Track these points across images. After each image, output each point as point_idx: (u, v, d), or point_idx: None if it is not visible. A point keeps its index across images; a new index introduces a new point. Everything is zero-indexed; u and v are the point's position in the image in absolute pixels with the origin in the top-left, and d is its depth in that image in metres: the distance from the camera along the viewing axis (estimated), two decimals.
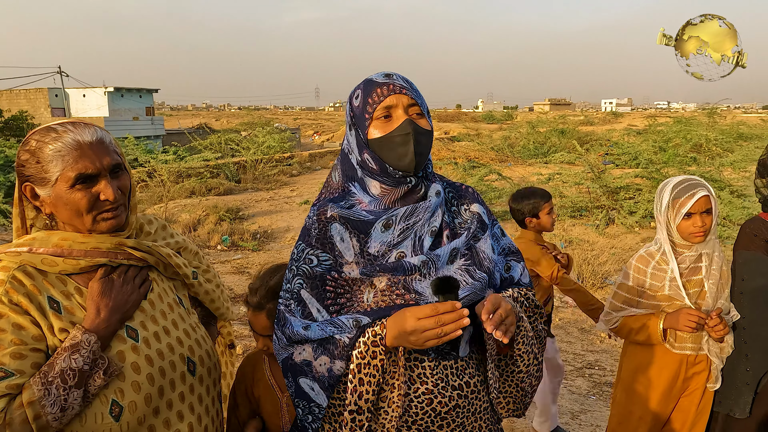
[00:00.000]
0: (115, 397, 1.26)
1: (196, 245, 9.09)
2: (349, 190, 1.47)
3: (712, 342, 2.22)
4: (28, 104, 37.51)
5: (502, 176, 10.85)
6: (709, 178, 9.28)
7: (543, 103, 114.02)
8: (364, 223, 1.39)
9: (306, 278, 1.41)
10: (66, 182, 1.30)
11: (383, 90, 1.38)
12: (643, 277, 2.27)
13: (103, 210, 1.35)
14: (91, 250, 1.35)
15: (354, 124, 1.44)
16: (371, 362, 1.30)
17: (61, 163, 1.30)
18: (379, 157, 1.39)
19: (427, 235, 1.41)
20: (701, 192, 2.11)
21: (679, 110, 76.46)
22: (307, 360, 1.38)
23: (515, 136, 21.85)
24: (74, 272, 1.35)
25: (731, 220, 8.23)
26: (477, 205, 1.52)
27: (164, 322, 1.43)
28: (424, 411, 1.35)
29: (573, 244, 8.33)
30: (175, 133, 34.15)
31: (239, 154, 17.29)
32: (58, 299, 1.30)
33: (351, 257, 1.39)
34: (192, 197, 12.51)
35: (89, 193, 1.32)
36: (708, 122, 21.80)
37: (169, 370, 1.37)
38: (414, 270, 1.36)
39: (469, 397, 1.39)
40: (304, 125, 57.29)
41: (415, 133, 1.37)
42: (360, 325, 1.33)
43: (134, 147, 15.68)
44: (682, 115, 32.65)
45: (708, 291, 2.20)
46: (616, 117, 48.62)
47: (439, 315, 1.21)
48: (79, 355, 1.22)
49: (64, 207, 1.33)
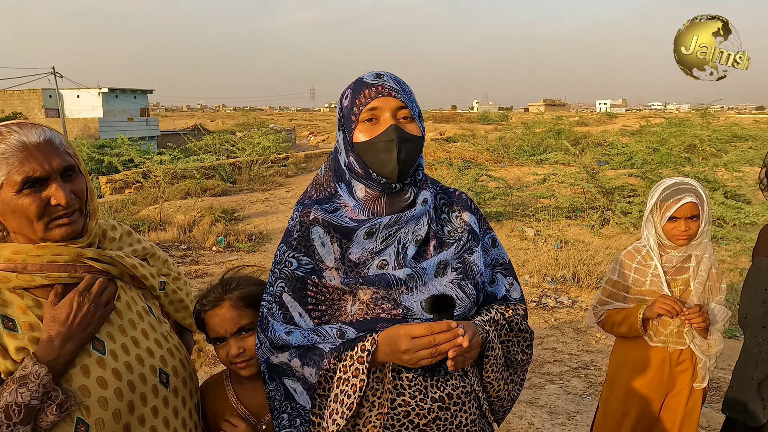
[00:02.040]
0: (81, 414, 1.18)
1: (188, 247, 9.07)
2: (335, 192, 1.42)
3: (699, 339, 2.24)
4: (22, 105, 37.33)
5: (494, 178, 10.86)
6: (702, 179, 9.32)
7: (538, 103, 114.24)
8: (346, 229, 1.35)
9: (287, 281, 1.37)
10: (12, 187, 1.20)
11: (371, 91, 1.33)
12: (628, 272, 2.33)
13: (55, 216, 1.25)
14: (47, 263, 1.25)
15: (342, 125, 1.39)
16: (351, 380, 1.25)
17: (5, 166, 1.20)
18: (364, 162, 1.35)
19: (411, 243, 1.36)
20: (687, 198, 2.15)
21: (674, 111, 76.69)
22: (284, 362, 1.35)
23: (510, 136, 21.87)
24: (30, 287, 1.24)
25: (725, 220, 8.27)
26: (468, 214, 1.46)
27: (133, 332, 1.34)
28: (401, 423, 1.30)
29: (568, 245, 8.36)
30: (170, 134, 34.03)
31: (235, 155, 17.25)
32: (13, 316, 1.20)
33: (331, 263, 1.35)
34: (187, 198, 12.47)
35: (38, 198, 1.22)
36: (702, 123, 21.88)
37: (139, 384, 1.28)
38: (399, 284, 1.31)
39: (452, 409, 1.34)
40: (299, 126, 57.21)
41: (399, 139, 1.30)
42: (344, 336, 1.30)
43: (129, 147, 15.64)
44: (676, 115, 32.78)
45: (693, 290, 2.24)
46: (611, 118, 48.79)
47: (434, 335, 1.18)
48: (27, 389, 1.12)
49: (13, 214, 1.22)
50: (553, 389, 4.10)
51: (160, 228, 10.08)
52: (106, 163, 15.85)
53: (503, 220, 9.92)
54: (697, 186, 2.21)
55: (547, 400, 3.90)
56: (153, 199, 12.33)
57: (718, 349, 2.26)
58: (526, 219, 9.51)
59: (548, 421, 3.61)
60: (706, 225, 2.22)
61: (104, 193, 14.03)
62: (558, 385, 4.21)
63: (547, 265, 7.22)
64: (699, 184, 2.24)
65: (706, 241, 2.24)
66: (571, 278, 6.90)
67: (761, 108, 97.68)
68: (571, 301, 6.28)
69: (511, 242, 8.80)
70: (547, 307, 6.13)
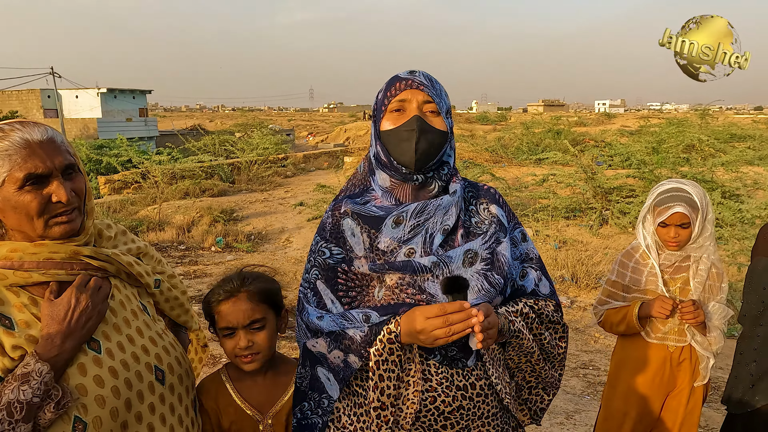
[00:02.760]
0: (78, 413, 1.18)
1: (187, 247, 9.07)
2: (369, 186, 1.50)
3: (699, 336, 2.25)
4: (21, 105, 37.29)
5: (495, 177, 10.86)
6: (701, 179, 9.33)
7: (537, 104, 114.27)
8: (375, 218, 1.42)
9: (321, 270, 1.45)
10: (14, 183, 1.21)
11: (401, 84, 1.40)
12: (625, 271, 2.35)
13: (55, 213, 1.26)
14: (44, 261, 1.26)
15: (373, 116, 1.48)
16: (389, 358, 1.32)
17: (8, 162, 1.21)
18: (387, 150, 1.41)
19: (439, 233, 1.41)
20: (676, 208, 2.17)
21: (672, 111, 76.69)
22: (321, 352, 1.41)
23: (509, 137, 21.87)
24: (27, 285, 1.25)
25: (724, 221, 8.27)
26: (496, 207, 1.50)
27: (128, 330, 1.34)
28: (427, 409, 1.36)
29: (567, 245, 8.36)
30: (168, 135, 34.03)
31: (234, 156, 17.25)
32: (9, 315, 1.21)
33: (361, 252, 1.42)
34: (186, 198, 12.47)
35: (40, 195, 1.23)
36: (700, 123, 21.89)
37: (135, 381, 1.29)
38: (425, 270, 1.36)
39: (475, 400, 1.38)
40: (298, 126, 57.17)
41: (420, 130, 1.36)
42: (369, 320, 1.36)
43: (128, 148, 15.62)
44: (675, 116, 32.81)
45: (693, 289, 2.25)
46: (609, 118, 48.76)
47: (447, 315, 1.22)
48: (29, 387, 1.13)
49: (13, 211, 1.23)
50: None
51: (158, 228, 10.07)
52: (105, 163, 15.84)
53: None
54: (693, 192, 2.20)
55: None
56: (152, 199, 12.32)
57: (719, 346, 2.27)
58: (525, 219, 9.51)
59: (546, 421, 3.61)
60: (704, 229, 2.22)
61: (103, 194, 14.02)
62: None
63: (546, 265, 7.21)
64: (697, 188, 2.23)
65: (709, 244, 2.24)
66: (569, 278, 6.90)
67: (760, 108, 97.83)
68: (569, 301, 6.28)
69: None
70: None
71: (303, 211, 11.13)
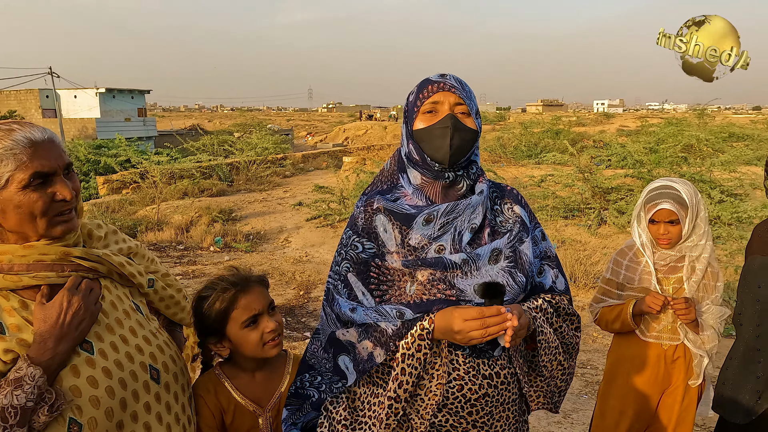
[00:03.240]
0: (73, 414, 1.18)
1: (185, 247, 9.06)
2: (397, 183, 1.56)
3: (692, 334, 2.26)
4: (19, 105, 37.25)
5: (497, 175, 10.87)
6: (699, 179, 9.34)
7: (535, 104, 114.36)
8: (406, 216, 1.48)
9: (353, 263, 1.51)
10: (19, 183, 1.20)
11: (434, 87, 1.47)
12: (619, 269, 2.37)
13: (59, 212, 1.26)
14: (33, 263, 1.24)
15: (405, 118, 1.54)
16: (415, 354, 1.40)
17: (13, 161, 1.20)
18: (420, 148, 1.48)
19: (467, 231, 1.48)
20: (663, 205, 2.19)
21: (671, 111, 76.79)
22: (350, 341, 1.48)
23: (508, 137, 21.89)
24: (17, 288, 1.24)
25: (722, 220, 8.28)
26: (519, 207, 1.57)
27: (121, 330, 1.34)
28: (455, 396, 1.44)
29: (565, 245, 8.37)
30: (167, 135, 33.99)
31: (233, 156, 17.26)
32: (0, 320, 1.20)
33: (393, 247, 1.48)
34: (185, 198, 12.46)
35: (45, 194, 1.22)
36: (699, 123, 21.92)
37: (130, 381, 1.28)
38: (455, 267, 1.43)
39: (499, 388, 1.48)
40: (297, 126, 57.18)
41: (453, 127, 1.43)
42: (403, 317, 1.42)
43: (126, 148, 15.61)
44: (673, 115, 32.86)
45: (687, 289, 2.26)
46: (608, 118, 48.79)
47: (485, 318, 1.31)
48: (22, 391, 1.12)
49: (15, 211, 1.21)
50: None
51: (157, 228, 10.07)
52: (103, 163, 15.83)
53: None
54: (682, 189, 2.20)
55: None
56: (150, 199, 12.32)
57: (713, 345, 2.27)
58: None
59: (544, 419, 3.62)
60: (696, 227, 2.21)
61: (101, 194, 14.01)
62: None
63: None
64: (687, 186, 2.24)
65: (703, 242, 2.24)
66: (568, 278, 6.92)
67: (758, 108, 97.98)
68: None
69: None
70: None
71: (301, 211, 11.13)
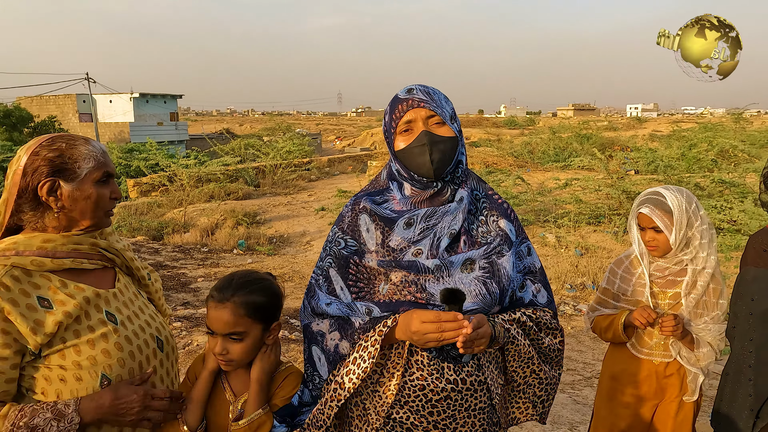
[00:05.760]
0: (104, 371, 1.44)
1: (210, 249, 9.18)
2: (388, 188, 1.65)
3: (685, 350, 2.18)
4: (57, 110, 38.47)
5: (523, 180, 10.73)
6: (731, 184, 9.06)
7: (567, 108, 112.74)
8: (388, 218, 1.56)
9: (334, 258, 1.59)
10: (95, 178, 1.49)
11: (403, 106, 1.53)
12: (614, 279, 2.32)
13: (110, 208, 1.54)
14: (71, 251, 1.49)
15: (386, 138, 1.62)
16: (368, 348, 1.45)
17: (92, 161, 1.49)
18: (405, 166, 1.54)
19: (446, 236, 1.52)
20: (642, 209, 2.13)
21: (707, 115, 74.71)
22: (321, 331, 1.56)
23: (536, 141, 21.63)
24: (58, 270, 1.46)
25: (750, 229, 8.00)
26: (505, 222, 1.60)
27: (132, 308, 1.59)
28: (416, 395, 1.48)
29: (589, 252, 8.21)
30: (198, 138, 34.66)
31: (260, 159, 17.47)
32: (47, 296, 1.41)
33: (373, 246, 1.55)
34: (211, 201, 12.66)
35: (109, 191, 1.53)
36: (735, 128, 21.29)
37: (144, 347, 1.54)
38: (428, 271, 1.48)
39: (464, 393, 1.48)
40: (326, 130, 57.60)
41: (430, 143, 1.49)
42: (371, 314, 1.49)
43: (156, 152, 15.95)
44: (710, 120, 31.96)
45: (685, 306, 2.16)
46: (641, 122, 47.82)
47: (441, 322, 1.34)
48: (56, 426, 1.34)
49: (86, 201, 1.47)
50: (562, 398, 4.02)
51: (183, 230, 10.24)
52: (134, 166, 16.21)
53: (526, 226, 9.80)
54: (669, 196, 2.10)
55: (552, 410, 3.82)
56: (178, 202, 12.56)
57: (709, 362, 2.18)
58: (548, 225, 9.38)
59: (550, 431, 3.54)
60: (692, 237, 2.10)
61: (132, 196, 14.34)
62: (568, 394, 4.13)
63: (567, 272, 7.10)
64: (680, 194, 2.12)
65: (704, 255, 2.13)
66: (591, 285, 6.77)
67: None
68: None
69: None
70: (564, 314, 6.02)
71: (325, 216, 11.19)
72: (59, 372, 1.40)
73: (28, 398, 1.40)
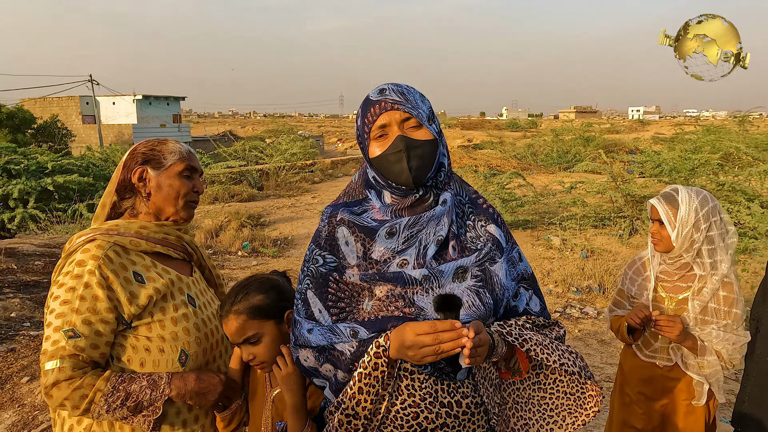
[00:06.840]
0: (183, 347, 1.60)
1: (214, 251, 9.18)
2: (366, 197, 1.50)
3: (691, 357, 2.17)
4: (61, 111, 38.55)
5: (526, 181, 10.71)
6: (737, 188, 9.04)
7: (568, 110, 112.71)
8: (369, 228, 1.42)
9: (312, 278, 1.44)
10: (177, 170, 1.69)
11: (376, 109, 1.38)
12: (626, 280, 2.37)
13: (191, 200, 1.73)
14: (162, 239, 1.70)
15: (359, 143, 1.46)
16: (372, 374, 1.31)
17: (177, 155, 1.70)
18: (382, 174, 1.41)
19: (432, 243, 1.39)
20: (652, 200, 2.17)
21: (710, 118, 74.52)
22: (313, 367, 1.42)
23: (539, 144, 21.64)
24: (150, 252, 1.67)
25: (759, 232, 7.99)
26: (494, 227, 1.47)
27: (205, 297, 1.79)
28: (409, 424, 1.33)
29: (595, 254, 8.20)
30: (201, 140, 34.70)
31: (263, 161, 17.49)
32: (141, 272, 1.61)
33: (353, 260, 1.41)
34: (215, 203, 12.67)
35: (190, 183, 1.72)
36: (739, 130, 21.26)
37: (215, 332, 1.73)
38: (415, 283, 1.34)
39: (460, 418, 1.36)
40: (328, 132, 57.67)
41: (407, 149, 1.35)
42: (357, 336, 1.35)
43: None
44: (712, 123, 31.93)
45: (691, 310, 2.14)
46: (643, 125, 47.78)
47: (438, 333, 1.20)
48: (149, 393, 1.51)
49: (169, 188, 1.68)
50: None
51: None
52: None
53: (530, 228, 9.79)
54: (682, 194, 2.10)
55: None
56: None
57: (713, 371, 2.13)
58: (553, 228, 9.37)
59: None
60: (691, 237, 2.08)
61: None
62: None
63: (573, 275, 7.09)
64: (694, 195, 2.10)
65: (711, 261, 2.09)
66: (597, 288, 6.76)
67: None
68: (596, 311, 6.14)
69: (536, 251, 8.67)
70: (571, 317, 6.01)
71: None
72: (145, 342, 1.55)
73: (112, 365, 1.53)
